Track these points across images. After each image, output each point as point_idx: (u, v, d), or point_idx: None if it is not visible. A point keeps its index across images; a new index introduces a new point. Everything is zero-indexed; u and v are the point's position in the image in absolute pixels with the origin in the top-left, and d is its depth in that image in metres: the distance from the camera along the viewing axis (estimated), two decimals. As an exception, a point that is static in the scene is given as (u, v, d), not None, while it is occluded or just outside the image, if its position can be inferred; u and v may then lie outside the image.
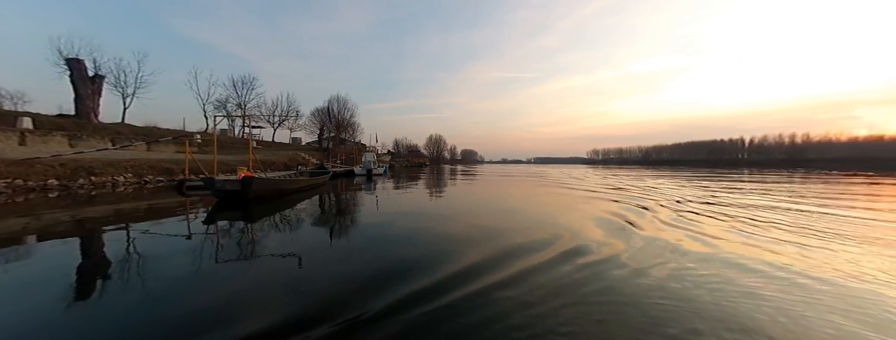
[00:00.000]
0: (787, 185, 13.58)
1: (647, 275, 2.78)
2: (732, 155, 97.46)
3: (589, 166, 69.08)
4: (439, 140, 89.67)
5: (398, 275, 2.78)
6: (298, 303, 2.28)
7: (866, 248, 3.72)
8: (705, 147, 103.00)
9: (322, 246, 4.01)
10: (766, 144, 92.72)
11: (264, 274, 2.97)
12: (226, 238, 4.39)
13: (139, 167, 13.56)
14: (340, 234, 4.70)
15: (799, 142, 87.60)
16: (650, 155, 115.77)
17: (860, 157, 65.08)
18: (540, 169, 41.98)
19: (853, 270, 2.95)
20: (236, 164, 15.92)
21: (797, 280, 2.71)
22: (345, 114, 37.53)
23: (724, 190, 11.10)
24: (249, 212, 6.27)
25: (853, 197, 9.27)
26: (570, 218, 5.75)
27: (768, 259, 3.28)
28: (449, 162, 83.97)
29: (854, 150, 73.27)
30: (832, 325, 1.95)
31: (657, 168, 47.35)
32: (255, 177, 7.89)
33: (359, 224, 5.54)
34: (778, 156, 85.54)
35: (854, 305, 2.23)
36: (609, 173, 27.34)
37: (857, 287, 2.58)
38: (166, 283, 2.68)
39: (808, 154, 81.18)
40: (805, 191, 10.85)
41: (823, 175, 23.44)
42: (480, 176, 22.35)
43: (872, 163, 52.88)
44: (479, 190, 12.00)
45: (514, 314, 2.09)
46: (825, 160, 68.82)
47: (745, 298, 2.34)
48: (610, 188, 12.18)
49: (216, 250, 3.81)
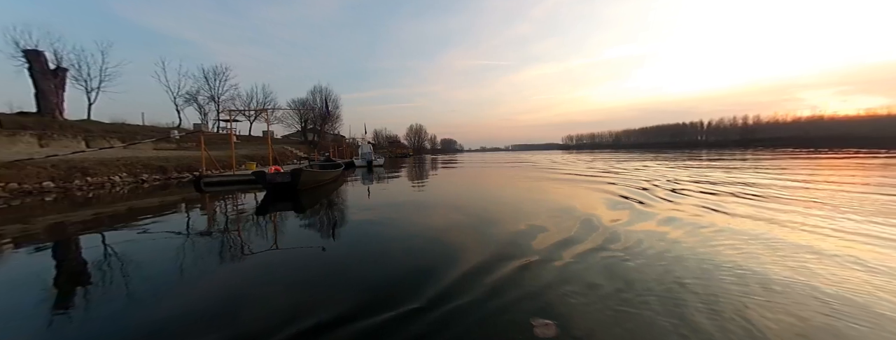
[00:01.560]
0: (772, 162, 15.47)
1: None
2: (693, 137, 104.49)
3: (565, 151, 71.93)
4: (420, 130, 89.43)
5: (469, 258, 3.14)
6: (381, 286, 2.53)
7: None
8: (669, 130, 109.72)
9: (386, 229, 4.66)
10: (722, 126, 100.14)
11: (340, 257, 3.30)
12: (304, 223, 4.97)
13: (132, 166, 13.20)
14: (397, 218, 5.33)
15: (751, 124, 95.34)
16: (620, 139, 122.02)
17: (804, 136, 72.25)
18: (521, 156, 43.45)
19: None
20: (222, 160, 15.76)
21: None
22: (329, 106, 36.75)
23: (716, 172, 12.34)
24: (300, 202, 6.88)
25: (820, 170, 10.98)
26: (593, 202, 6.67)
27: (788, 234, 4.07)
28: (430, 151, 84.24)
29: (798, 130, 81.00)
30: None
31: (629, 151, 50.26)
32: (304, 170, 8.32)
33: (409, 209, 6.17)
34: (733, 137, 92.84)
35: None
36: (590, 158, 29.00)
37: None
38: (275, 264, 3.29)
39: (758, 134, 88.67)
40: (787, 168, 12.56)
41: (778, 153, 26.37)
42: (469, 164, 23.18)
43: (813, 141, 59.06)
44: (485, 178, 12.80)
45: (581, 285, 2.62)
46: (773, 139, 75.78)
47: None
48: (605, 172, 13.41)
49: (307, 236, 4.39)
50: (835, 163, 14.30)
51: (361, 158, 21.54)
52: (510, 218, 4.85)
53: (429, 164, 24.72)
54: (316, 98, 37.55)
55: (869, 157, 17.31)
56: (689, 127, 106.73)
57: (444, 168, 19.87)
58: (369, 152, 21.90)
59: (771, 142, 71.47)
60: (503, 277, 2.48)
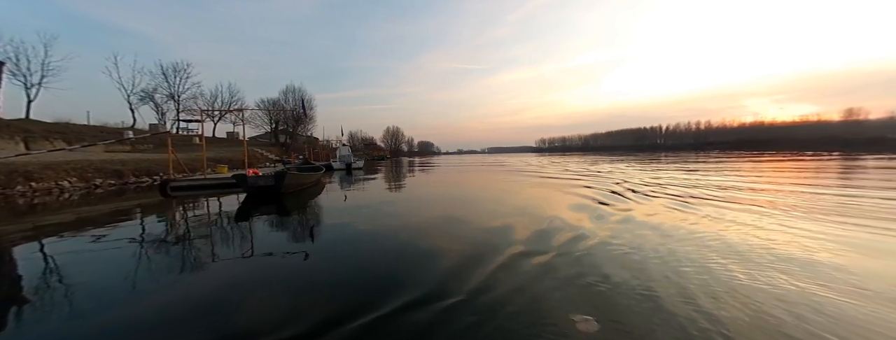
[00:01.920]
0: (727, 164, 16.84)
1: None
2: (653, 140, 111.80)
3: (538, 154, 74.46)
4: (397, 132, 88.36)
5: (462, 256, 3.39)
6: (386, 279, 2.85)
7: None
8: (632, 134, 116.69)
9: (376, 231, 4.60)
10: (679, 131, 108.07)
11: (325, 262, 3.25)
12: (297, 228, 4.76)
13: (83, 170, 11.98)
14: (389, 222, 5.28)
15: (703, 129, 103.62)
16: (589, 142, 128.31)
17: (747, 140, 79.66)
18: (497, 158, 44.35)
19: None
20: (187, 163, 14.76)
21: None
22: (306, 107, 35.41)
23: (679, 173, 13.49)
24: (285, 206, 6.59)
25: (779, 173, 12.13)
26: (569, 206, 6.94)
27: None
28: (407, 154, 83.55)
29: (743, 134, 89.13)
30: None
31: (598, 153, 52.88)
32: (288, 173, 7.95)
33: (399, 211, 6.12)
34: (688, 141, 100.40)
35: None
36: (564, 160, 30.12)
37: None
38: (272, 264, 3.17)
39: (709, 138, 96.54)
40: (739, 170, 13.74)
41: (729, 156, 28.87)
42: (449, 167, 23.32)
43: (755, 144, 65.43)
44: (468, 182, 12.94)
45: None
46: (722, 143, 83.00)
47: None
48: (591, 173, 14.01)
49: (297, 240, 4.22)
50: (776, 164, 15.95)
51: (339, 161, 20.98)
52: (504, 220, 4.96)
53: (408, 167, 24.56)
54: (288, 98, 36.13)
55: (803, 159, 19.52)
56: (650, 131, 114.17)
57: (424, 171, 19.83)
58: (348, 154, 21.39)
59: (720, 145, 78.23)
60: (530, 270, 2.59)
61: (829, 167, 13.40)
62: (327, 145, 47.51)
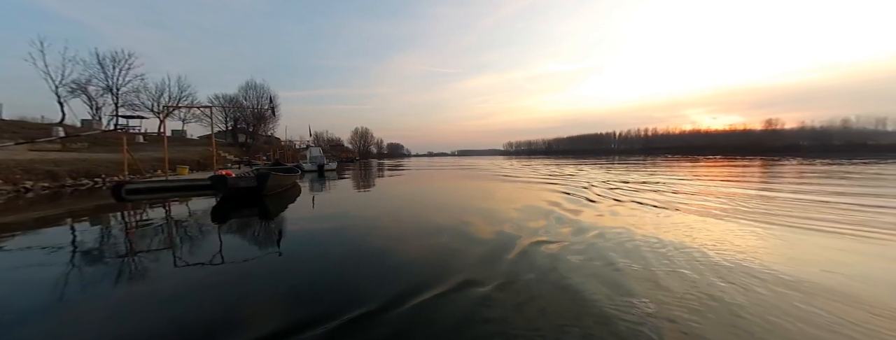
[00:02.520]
0: (674, 168, 18.63)
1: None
2: (608, 145, 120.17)
3: (505, 157, 76.88)
4: (366, 133, 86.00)
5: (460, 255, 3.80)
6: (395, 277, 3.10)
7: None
8: (590, 139, 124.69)
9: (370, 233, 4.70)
10: (630, 136, 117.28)
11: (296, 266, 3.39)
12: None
13: (8, 171, 10.49)
14: (381, 223, 5.36)
15: (650, 135, 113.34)
16: (552, 146, 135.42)
17: (687, 146, 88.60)
18: (469, 161, 45.13)
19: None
20: (131, 163, 13.52)
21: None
22: (274, 105, 33.51)
23: (633, 174, 14.76)
24: (267, 209, 6.31)
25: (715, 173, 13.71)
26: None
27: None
28: (376, 156, 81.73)
29: (684, 141, 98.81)
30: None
31: (561, 157, 55.78)
32: (272, 174, 7.57)
33: (388, 212, 6.16)
34: (637, 146, 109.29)
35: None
36: (531, 163, 31.48)
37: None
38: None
39: (656, 144, 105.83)
40: (681, 171, 15.31)
41: (673, 160, 32.00)
42: (422, 169, 23.44)
43: (694, 150, 73.15)
44: (442, 182, 13.17)
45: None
46: (666, 148, 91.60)
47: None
48: (560, 176, 14.83)
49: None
50: (711, 168, 18.12)
51: (311, 162, 20.16)
52: (486, 220, 5.28)
53: (381, 169, 24.27)
54: (249, 95, 33.95)
55: (731, 164, 22.34)
56: (605, 136, 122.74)
57: (397, 174, 19.74)
58: (320, 156, 20.63)
59: (665, 150, 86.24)
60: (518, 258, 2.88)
61: (753, 170, 15.59)
62: (290, 146, 45.20)
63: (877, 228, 4.05)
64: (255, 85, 34.56)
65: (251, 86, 34.21)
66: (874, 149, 58.78)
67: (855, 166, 16.55)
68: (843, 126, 73.28)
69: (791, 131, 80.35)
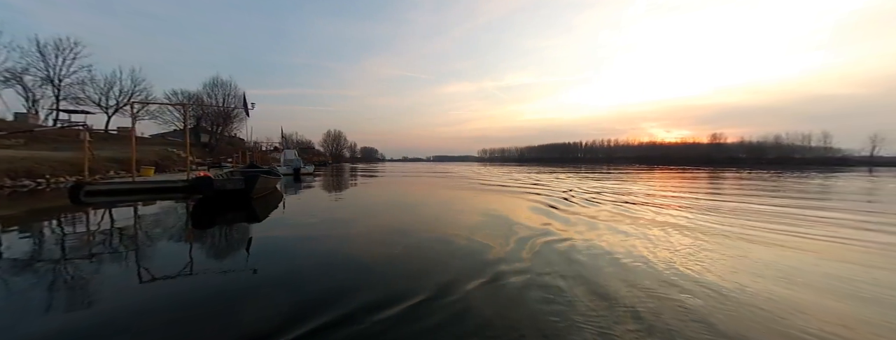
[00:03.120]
0: (635, 175, 19.84)
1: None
2: (575, 154, 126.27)
3: (481, 163, 78.15)
4: (339, 136, 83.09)
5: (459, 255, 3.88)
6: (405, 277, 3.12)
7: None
8: (559, 148, 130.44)
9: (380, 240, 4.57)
10: (595, 146, 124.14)
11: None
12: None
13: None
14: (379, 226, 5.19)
15: (613, 145, 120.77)
16: (524, 154, 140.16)
17: (645, 156, 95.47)
18: (446, 167, 45.21)
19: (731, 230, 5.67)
20: (76, 162, 12.16)
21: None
22: (246, 105, 31.40)
23: (607, 182, 15.57)
24: (255, 212, 5.86)
25: (674, 181, 14.78)
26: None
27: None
28: (349, 160, 79.26)
29: (642, 151, 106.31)
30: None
31: (533, 164, 57.68)
32: (259, 176, 7.05)
33: (383, 215, 5.97)
34: (601, 155, 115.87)
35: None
36: (508, 170, 32.20)
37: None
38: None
39: (618, 153, 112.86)
40: (642, 179, 16.37)
41: (634, 169, 34.24)
42: (399, 175, 23.13)
43: (651, 160, 79.01)
44: (431, 192, 13.10)
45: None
46: (627, 157, 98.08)
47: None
48: (535, 184, 15.26)
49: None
50: (668, 176, 19.66)
51: (286, 165, 19.15)
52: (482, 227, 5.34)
53: (354, 174, 23.59)
54: (215, 93, 31.72)
55: (683, 172, 24.43)
56: (573, 146, 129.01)
57: (374, 178, 19.32)
58: (296, 159, 19.69)
59: (626, 159, 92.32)
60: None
61: (701, 178, 17.18)
62: (255, 147, 42.70)
63: (809, 234, 4.56)
64: (220, 82, 32.44)
65: (217, 83, 32.05)
66: (801, 162, 67.11)
67: (792, 178, 18.73)
68: (776, 141, 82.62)
69: (732, 145, 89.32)
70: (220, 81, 32.44)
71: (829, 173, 25.50)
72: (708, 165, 49.66)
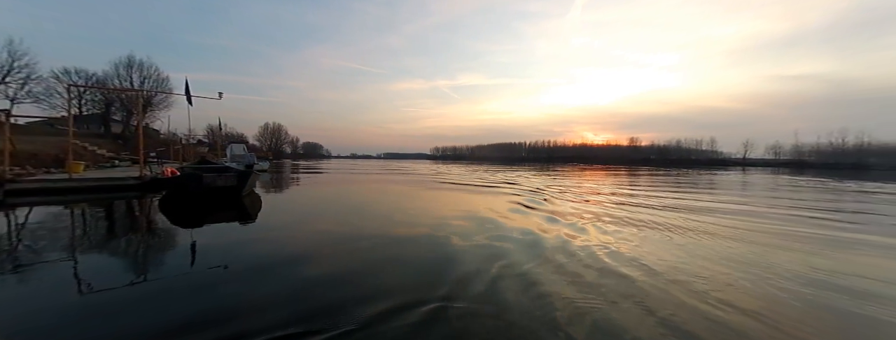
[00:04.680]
0: (576, 172, 22.08)
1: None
2: (520, 153, 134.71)
3: (433, 161, 78.81)
4: (279, 130, 75.78)
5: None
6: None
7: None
8: (506, 147, 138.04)
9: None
10: (537, 146, 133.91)
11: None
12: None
13: None
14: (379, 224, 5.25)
15: (552, 146, 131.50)
16: (475, 152, 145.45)
17: (578, 156, 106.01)
18: (400, 164, 44.66)
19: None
20: None
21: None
22: (188, 92, 26.95)
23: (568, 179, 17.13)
24: (247, 210, 5.36)
25: (610, 178, 16.91)
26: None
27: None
28: (291, 156, 72.89)
29: (576, 152, 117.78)
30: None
31: (484, 163, 59.96)
32: (252, 172, 6.32)
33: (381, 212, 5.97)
34: (543, 155, 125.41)
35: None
36: (473, 170, 33.07)
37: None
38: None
39: (556, 153, 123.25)
40: (582, 176, 18.42)
41: (571, 167, 38.04)
42: (353, 173, 22.46)
43: (583, 159, 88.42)
44: (394, 186, 13.09)
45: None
46: (564, 157, 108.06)
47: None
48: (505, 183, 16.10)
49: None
50: (598, 173, 22.55)
51: (235, 162, 17.10)
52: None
53: (308, 173, 22.24)
54: (130, 74, 26.75)
55: (607, 170, 28.21)
56: (518, 145, 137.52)
57: (327, 176, 18.57)
58: (247, 154, 17.71)
59: (564, 159, 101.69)
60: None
61: (622, 175, 20.18)
62: (171, 139, 37.42)
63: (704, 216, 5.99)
64: (137, 62, 27.46)
65: (133, 64, 27.10)
66: (695, 162, 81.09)
67: (707, 174, 22.85)
68: (677, 145, 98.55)
69: (646, 147, 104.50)
70: (135, 61, 27.48)
71: (716, 171, 32.38)
72: (627, 164, 57.60)
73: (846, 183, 15.63)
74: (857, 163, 64.94)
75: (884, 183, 15.90)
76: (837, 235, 4.66)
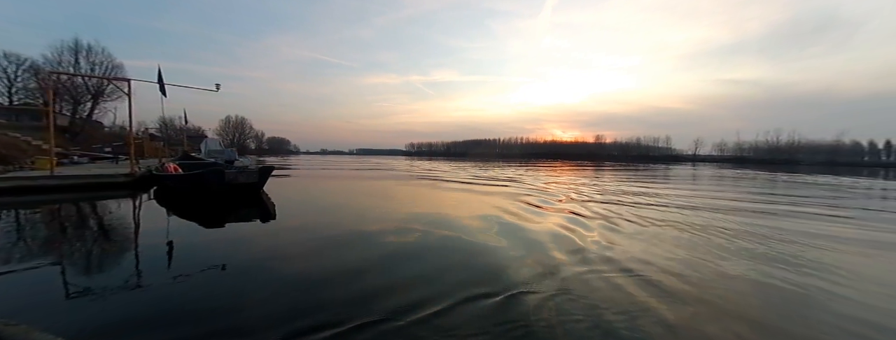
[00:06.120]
0: (550, 168, 22.94)
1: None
2: (493, 149, 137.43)
3: (408, 157, 78.09)
4: (242, 124, 71.07)
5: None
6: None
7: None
8: (482, 144, 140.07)
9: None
10: (510, 143, 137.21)
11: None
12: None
13: None
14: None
15: (525, 143, 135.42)
16: (451, 148, 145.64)
17: (549, 152, 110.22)
18: (379, 160, 43.74)
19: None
20: None
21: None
22: (161, 81, 24.24)
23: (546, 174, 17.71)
24: (267, 208, 5.09)
25: (594, 173, 17.83)
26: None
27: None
28: (256, 152, 68.91)
29: (547, 148, 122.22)
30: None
31: (461, 159, 60.51)
32: (271, 168, 5.94)
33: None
34: (516, 151, 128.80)
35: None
36: (459, 167, 33.00)
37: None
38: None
39: (529, 150, 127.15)
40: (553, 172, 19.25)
41: (544, 163, 39.60)
42: (333, 170, 21.87)
43: (554, 156, 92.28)
44: (389, 183, 12.93)
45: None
46: (536, 154, 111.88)
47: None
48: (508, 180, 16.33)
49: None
50: (585, 170, 23.75)
51: (213, 158, 15.87)
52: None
53: (281, 170, 21.22)
54: (78, 59, 23.79)
55: (577, 165, 29.77)
56: (492, 141, 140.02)
57: (310, 172, 17.91)
58: (225, 149, 16.51)
59: (536, 155, 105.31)
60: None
61: (589, 169, 21.44)
62: (118, 132, 34.25)
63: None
64: (83, 47, 24.51)
65: (80, 48, 24.14)
66: (654, 158, 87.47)
67: (645, 170, 24.70)
68: (638, 142, 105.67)
69: (611, 144, 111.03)
70: (81, 46, 24.51)
71: (671, 166, 36.58)
72: (594, 160, 61.57)
73: (780, 176, 17.72)
74: (788, 158, 73.91)
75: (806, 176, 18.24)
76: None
